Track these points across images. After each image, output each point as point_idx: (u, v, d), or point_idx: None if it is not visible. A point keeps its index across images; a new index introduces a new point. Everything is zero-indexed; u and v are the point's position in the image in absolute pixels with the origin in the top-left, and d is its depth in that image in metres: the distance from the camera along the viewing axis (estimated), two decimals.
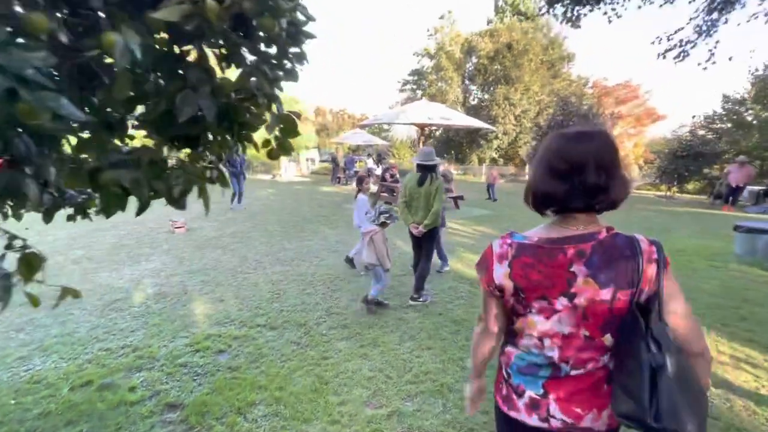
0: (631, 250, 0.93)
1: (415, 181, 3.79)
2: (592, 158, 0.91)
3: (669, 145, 17.07)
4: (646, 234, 0.99)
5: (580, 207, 0.95)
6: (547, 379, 0.99)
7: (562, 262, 0.93)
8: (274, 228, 7.28)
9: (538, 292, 0.96)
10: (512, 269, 0.98)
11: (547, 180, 0.96)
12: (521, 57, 23.57)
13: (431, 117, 9.14)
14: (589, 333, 0.94)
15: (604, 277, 0.90)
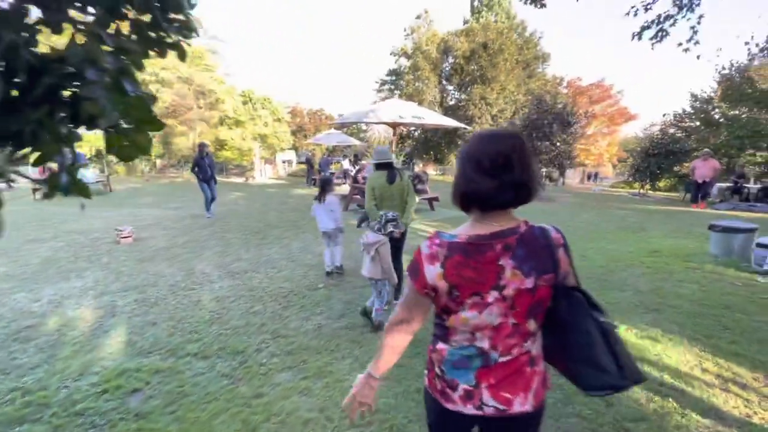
0: (545, 239, 1.01)
1: (385, 180, 3.54)
2: (516, 156, 0.98)
3: (641, 144, 17.34)
4: (623, 233, 1.71)
5: (507, 202, 1.01)
6: (478, 369, 1.05)
7: (491, 258, 0.98)
8: (233, 235, 6.74)
9: (471, 289, 1.00)
10: (445, 269, 1.00)
11: (476, 178, 1.00)
12: (497, 56, 23.59)
13: (402, 116, 8.78)
14: (516, 320, 1.02)
15: (528, 267, 0.98)
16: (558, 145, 12.41)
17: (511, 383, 1.05)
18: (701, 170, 11.22)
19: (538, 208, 10.92)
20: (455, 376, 1.08)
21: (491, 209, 1.02)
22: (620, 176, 36.14)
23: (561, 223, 6.68)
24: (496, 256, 0.98)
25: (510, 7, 30.79)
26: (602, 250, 5.95)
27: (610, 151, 29.89)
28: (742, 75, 11.27)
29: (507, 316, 1.01)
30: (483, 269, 0.98)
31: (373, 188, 3.58)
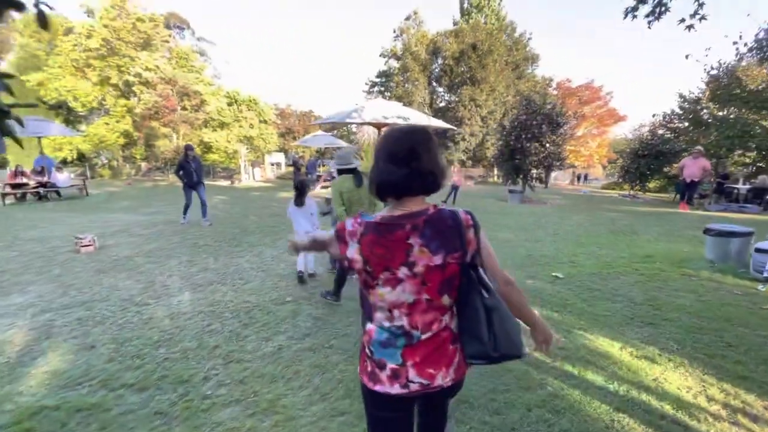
0: (453, 220, 1.10)
1: (352, 183, 3.40)
2: (422, 148, 1.09)
3: (630, 145, 17.25)
4: (614, 237, 4.13)
5: (416, 188, 1.10)
6: (403, 348, 1.12)
7: (400, 236, 1.07)
8: (205, 242, 6.33)
9: (382, 264, 1.09)
10: (361, 245, 1.10)
11: (388, 168, 1.09)
12: (486, 57, 23.46)
13: (386, 116, 8.45)
14: (430, 296, 1.10)
15: (435, 246, 1.06)
16: (547, 146, 12.19)
17: (434, 360, 1.13)
18: (690, 169, 10.93)
19: (527, 210, 10.68)
20: (383, 356, 1.14)
21: (403, 196, 1.11)
22: (610, 177, 36.32)
23: (550, 227, 6.39)
24: (406, 235, 1.07)
25: (500, 9, 30.75)
26: (593, 255, 5.67)
27: (600, 152, 29.93)
28: (730, 75, 11.17)
29: (420, 292, 1.09)
30: (392, 247, 1.07)
31: (340, 193, 3.38)
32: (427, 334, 1.11)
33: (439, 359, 1.13)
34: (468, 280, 1.11)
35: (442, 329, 1.13)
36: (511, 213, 10.26)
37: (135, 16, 27.32)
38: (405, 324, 1.11)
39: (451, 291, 1.12)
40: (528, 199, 13.05)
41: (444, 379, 1.13)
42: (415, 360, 1.11)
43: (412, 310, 1.10)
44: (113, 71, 26.22)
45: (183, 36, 48.18)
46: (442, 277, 1.08)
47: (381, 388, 1.13)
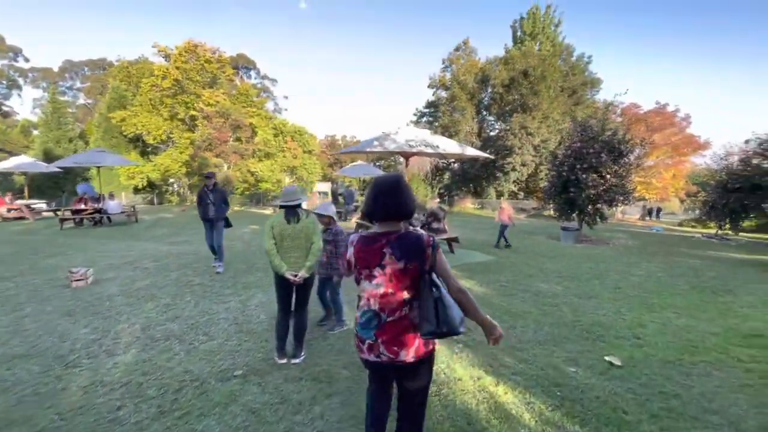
0: (417, 240, 1.62)
1: (284, 219, 3.21)
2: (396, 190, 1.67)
3: (714, 177, 14.66)
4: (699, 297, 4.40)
5: (393, 217, 1.68)
6: (376, 328, 1.65)
7: (378, 247, 1.64)
8: (199, 281, 5.78)
9: (363, 265, 1.68)
10: (354, 250, 1.71)
11: (372, 203, 1.69)
12: (539, 84, 22.07)
13: (413, 144, 7.63)
14: (394, 290, 1.63)
15: (399, 254, 1.60)
16: (608, 178, 10.49)
17: (398, 341, 1.63)
18: None
19: (582, 253, 9.04)
20: (362, 334, 1.69)
21: (383, 221, 1.69)
22: (690, 212, 31.79)
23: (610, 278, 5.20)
24: (381, 246, 1.63)
25: (556, 35, 29.38)
26: (668, 326, 4.17)
27: (676, 184, 26.40)
28: None
29: (388, 286, 1.63)
30: (372, 253, 1.65)
31: (271, 227, 3.21)
32: (392, 318, 1.63)
33: (402, 341, 1.63)
34: (425, 281, 1.61)
35: (403, 317, 1.64)
36: (563, 255, 8.71)
37: (204, 58, 29.95)
38: (377, 308, 1.65)
39: (410, 288, 1.63)
40: (585, 237, 11.26)
41: (406, 356, 1.63)
42: (384, 338, 1.64)
43: (381, 299, 1.64)
44: (181, 107, 28.72)
45: (249, 75, 52.86)
46: (404, 277, 1.61)
47: (364, 356, 1.71)
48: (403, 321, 1.62)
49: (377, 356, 1.64)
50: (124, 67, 35.23)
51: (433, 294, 1.57)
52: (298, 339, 3.33)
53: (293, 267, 3.16)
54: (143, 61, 35.45)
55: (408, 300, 1.63)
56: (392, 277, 1.60)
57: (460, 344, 3.64)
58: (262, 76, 52.38)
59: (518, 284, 6.03)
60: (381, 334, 1.63)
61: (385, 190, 1.66)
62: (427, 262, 1.60)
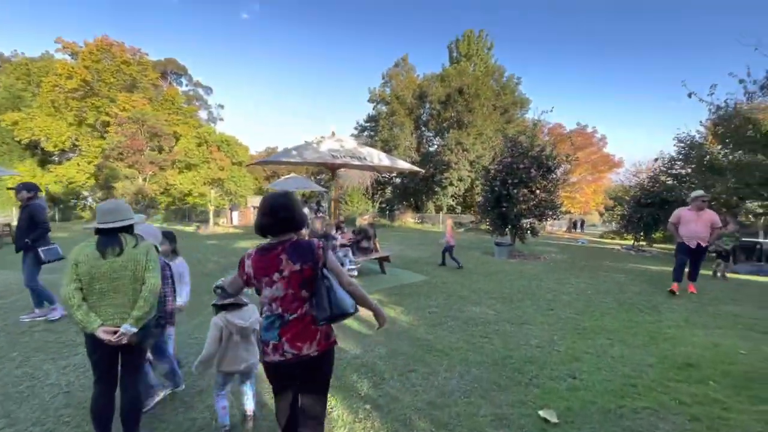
0: (308, 245, 1.86)
1: (93, 251, 2.14)
2: (286, 205, 1.87)
3: (630, 193, 15.81)
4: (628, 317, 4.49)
5: (285, 230, 1.86)
6: (279, 328, 1.79)
7: (274, 255, 1.81)
8: (44, 326, 4.40)
9: (263, 273, 1.81)
10: (252, 262, 1.84)
11: (263, 219, 1.85)
12: (473, 101, 22.76)
13: (337, 155, 6.89)
14: (293, 291, 1.80)
15: (295, 258, 1.80)
16: (538, 193, 10.59)
17: (301, 336, 1.79)
18: (694, 227, 6.21)
19: (516, 269, 8.83)
20: (266, 337, 1.81)
21: (276, 234, 1.86)
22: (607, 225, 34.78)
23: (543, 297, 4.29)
24: (278, 254, 1.81)
25: (489, 56, 30.91)
26: (604, 358, 3.75)
27: (596, 199, 28.65)
28: (740, 115, 9.88)
29: (287, 288, 1.80)
30: (270, 261, 1.81)
31: (75, 263, 2.11)
32: (294, 316, 1.80)
33: (305, 336, 1.80)
34: (318, 277, 1.82)
35: (305, 314, 1.81)
36: (496, 273, 8.39)
37: (121, 59, 26.97)
38: (279, 310, 1.80)
39: (308, 286, 1.83)
40: (518, 252, 11.23)
41: (310, 350, 1.80)
42: (287, 336, 1.78)
43: (282, 301, 1.80)
44: (91, 112, 25.38)
45: (180, 82, 49.16)
46: (301, 278, 1.80)
47: (269, 358, 1.81)
48: (305, 318, 1.81)
49: (282, 355, 1.77)
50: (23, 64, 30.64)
51: (325, 284, 1.79)
52: (128, 425, 2.27)
53: (113, 320, 2.13)
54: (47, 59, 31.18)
55: (307, 298, 1.82)
56: (291, 279, 1.79)
57: (368, 405, 2.84)
58: (194, 84, 49.07)
59: (449, 309, 5.44)
60: (285, 332, 1.78)
61: (278, 207, 1.85)
62: (319, 262, 1.84)
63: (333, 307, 1.75)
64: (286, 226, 1.85)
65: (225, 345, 2.42)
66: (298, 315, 1.79)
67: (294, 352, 1.76)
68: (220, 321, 2.40)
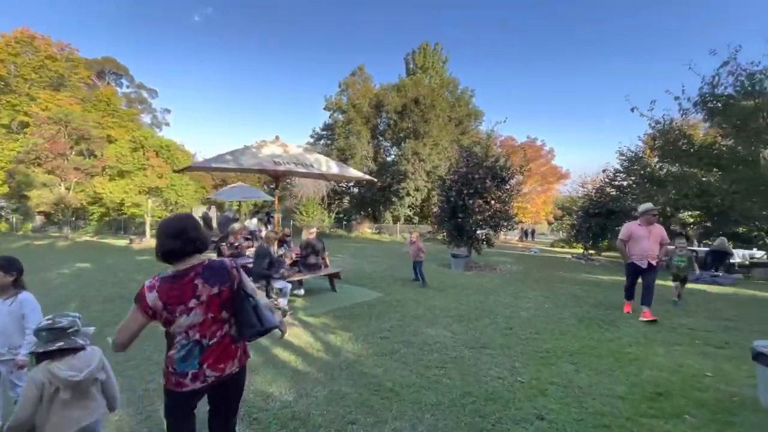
0: (221, 265, 1.82)
1: None
2: (190, 227, 1.76)
3: (576, 203, 16.39)
4: (589, 334, 4.16)
5: (191, 252, 1.75)
6: (199, 355, 1.71)
7: (188, 281, 1.70)
8: None
9: (176, 302, 1.66)
10: (159, 293, 1.64)
11: (168, 243, 1.72)
12: (429, 112, 22.87)
13: (280, 161, 6.17)
14: (213, 314, 1.74)
15: (212, 281, 1.74)
16: (493, 203, 10.47)
17: (222, 358, 1.77)
18: (646, 245, 5.68)
19: (472, 282, 8.50)
20: (183, 368, 1.69)
21: (184, 258, 1.73)
22: (556, 233, 36.42)
23: (501, 313, 4.84)
24: (191, 279, 1.70)
25: (444, 70, 31.52)
26: (569, 389, 3.34)
27: (546, 209, 29.81)
28: (677, 130, 10.45)
29: (206, 313, 1.72)
30: (183, 289, 1.68)
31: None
32: (214, 340, 1.75)
33: (227, 356, 1.78)
34: (240, 295, 1.81)
35: (224, 335, 1.79)
36: (453, 287, 8.01)
37: (45, 54, 24.30)
38: (198, 337, 1.71)
39: (227, 307, 1.79)
40: (474, 264, 11.02)
41: (231, 368, 1.80)
42: (209, 362, 1.73)
43: (201, 327, 1.72)
44: (5, 110, 22.50)
45: (120, 83, 45.49)
46: (220, 300, 1.75)
47: (186, 388, 1.70)
48: (225, 339, 1.79)
49: (203, 381, 1.72)
50: None
51: (251, 302, 1.82)
52: None
53: None
54: None
55: (227, 318, 1.81)
56: (210, 303, 1.73)
57: None
58: (137, 85, 45.70)
59: (402, 333, 4.88)
60: (206, 358, 1.72)
61: (185, 228, 1.75)
62: (235, 282, 1.83)
63: (263, 322, 1.81)
64: (197, 248, 1.77)
65: (47, 406, 1.68)
66: (218, 338, 1.77)
67: (216, 375, 1.75)
68: (41, 376, 1.67)
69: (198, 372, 1.70)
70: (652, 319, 5.47)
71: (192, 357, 1.70)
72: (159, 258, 1.73)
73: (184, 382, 1.69)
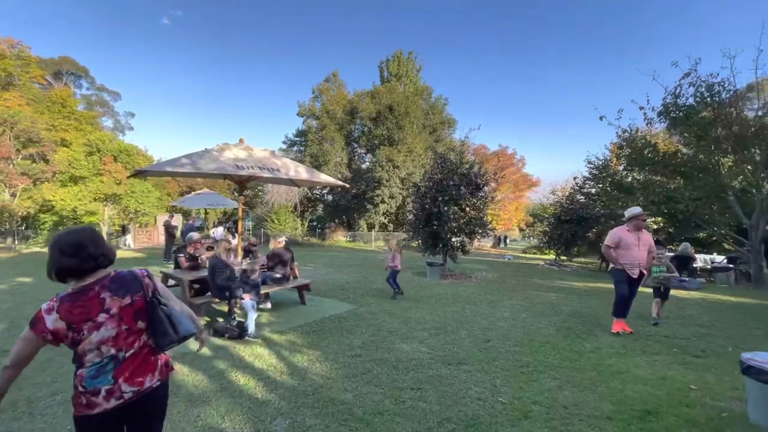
0: (131, 275, 1.69)
1: None
2: (87, 240, 1.58)
3: (547, 210, 16.67)
4: (569, 346, 3.87)
5: (92, 268, 1.58)
6: (114, 370, 1.56)
7: (93, 296, 1.55)
8: None
9: (83, 318, 1.51)
10: (60, 314, 1.49)
11: (63, 260, 1.52)
12: (403, 119, 22.83)
13: (242, 165, 5.73)
14: (128, 326, 1.60)
15: (122, 292, 1.61)
16: (468, 210, 10.35)
17: (141, 370, 1.63)
18: (637, 253, 5.18)
19: (448, 292, 8.27)
20: (95, 384, 1.53)
21: (83, 276, 1.56)
22: (527, 240, 37.22)
23: (478, 324, 4.83)
24: (97, 294, 1.55)
25: (418, 78, 31.75)
26: (554, 409, 3.10)
27: (518, 216, 30.35)
28: (642, 139, 10.77)
29: (119, 325, 1.57)
30: (88, 304, 1.53)
31: None
32: (130, 352, 1.60)
33: (146, 369, 1.65)
34: (152, 305, 1.68)
35: (142, 346, 1.65)
36: (429, 297, 7.74)
37: None
38: (112, 352, 1.56)
39: (143, 317, 1.65)
40: (450, 272, 10.83)
41: (152, 381, 1.66)
42: (125, 375, 1.57)
43: (115, 340, 1.57)
44: None
45: (79, 84, 43.02)
46: (133, 310, 1.62)
47: (99, 409, 1.51)
48: (143, 350, 1.66)
49: (119, 398, 1.56)
50: None
51: (164, 310, 1.70)
52: None
53: None
54: None
55: (144, 329, 1.67)
56: (122, 314, 1.60)
57: None
58: (98, 87, 43.39)
59: (375, 349, 4.54)
60: (121, 372, 1.58)
61: (84, 243, 1.57)
62: (149, 290, 1.70)
63: (178, 330, 1.72)
64: (99, 265, 1.61)
65: None
66: (135, 349, 1.64)
67: (135, 389, 1.61)
68: None
69: (113, 387, 1.55)
70: (630, 331, 5.28)
71: (105, 372, 1.56)
72: (51, 277, 1.55)
73: (96, 402, 1.53)
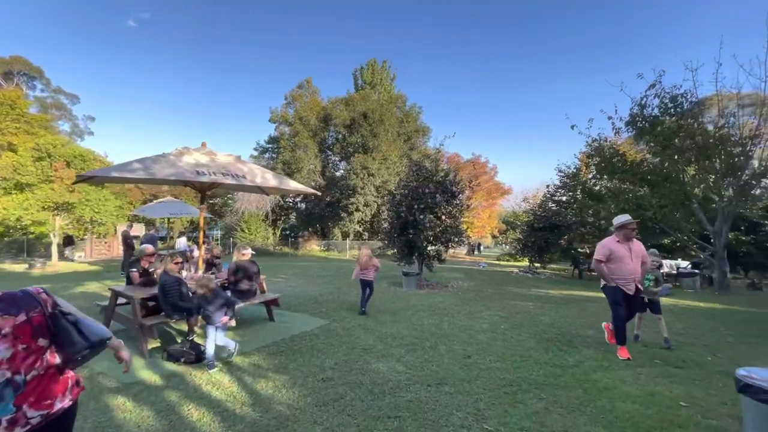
0: (23, 292, 1.51)
1: None
2: None
3: (519, 218, 16.86)
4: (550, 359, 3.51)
5: None
6: (15, 396, 1.38)
7: None
8: None
9: None
10: None
11: None
12: (377, 127, 22.69)
13: (204, 171, 5.25)
14: (26, 345, 1.42)
15: (13, 310, 1.43)
16: (443, 219, 10.19)
17: (49, 392, 1.48)
18: (630, 266, 4.61)
19: (425, 303, 8.00)
20: None
21: None
22: (500, 247, 37.82)
23: (457, 338, 3.96)
24: None
25: (392, 87, 31.84)
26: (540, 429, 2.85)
27: (491, 223, 30.73)
28: (611, 149, 11.04)
29: (15, 345, 1.39)
30: None
31: None
32: (33, 374, 1.43)
33: (54, 389, 1.50)
34: (55, 316, 1.53)
35: (48, 366, 1.49)
36: (405, 309, 7.44)
37: None
38: (9, 376, 1.37)
39: (44, 334, 1.48)
40: (426, 282, 10.59)
41: (63, 402, 1.52)
42: (30, 400, 1.42)
43: (12, 362, 1.38)
44: None
45: (33, 86, 40.36)
46: (31, 327, 1.45)
47: None
48: (49, 369, 1.52)
49: (25, 425, 1.41)
50: None
51: (69, 319, 1.58)
52: None
53: None
54: None
55: (46, 346, 1.52)
56: (18, 333, 1.43)
57: None
58: (53, 90, 40.85)
59: (349, 371, 4.16)
60: (24, 397, 1.42)
61: None
62: (47, 305, 1.55)
63: (90, 337, 1.60)
64: None
65: None
66: (39, 369, 1.47)
67: (43, 413, 1.45)
68: None
69: (15, 416, 1.40)
70: (630, 357, 4.63)
71: (4, 400, 1.39)
72: None
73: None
